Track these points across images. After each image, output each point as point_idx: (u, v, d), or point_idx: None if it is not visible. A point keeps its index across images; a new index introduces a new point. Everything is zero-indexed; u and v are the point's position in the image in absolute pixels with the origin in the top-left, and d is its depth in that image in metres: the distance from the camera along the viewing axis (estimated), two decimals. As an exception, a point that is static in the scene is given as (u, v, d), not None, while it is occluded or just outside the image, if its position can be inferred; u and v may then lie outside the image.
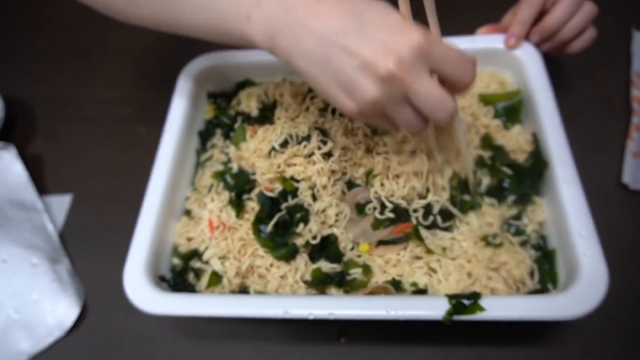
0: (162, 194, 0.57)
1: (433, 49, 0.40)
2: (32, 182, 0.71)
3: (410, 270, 0.53)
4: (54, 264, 0.63)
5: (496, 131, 0.61)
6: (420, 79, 0.40)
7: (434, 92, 0.41)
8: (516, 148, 0.59)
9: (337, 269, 0.54)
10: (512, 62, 0.63)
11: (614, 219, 0.57)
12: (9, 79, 0.87)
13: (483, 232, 0.54)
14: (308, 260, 0.54)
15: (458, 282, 0.50)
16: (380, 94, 0.40)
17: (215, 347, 0.57)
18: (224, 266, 0.55)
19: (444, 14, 0.81)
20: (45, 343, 0.59)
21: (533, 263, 0.52)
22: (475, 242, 0.53)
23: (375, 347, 0.55)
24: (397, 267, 0.53)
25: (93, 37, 0.90)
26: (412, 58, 0.39)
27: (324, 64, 0.42)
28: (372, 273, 0.53)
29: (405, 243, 0.54)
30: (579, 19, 0.60)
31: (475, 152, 0.58)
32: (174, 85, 0.67)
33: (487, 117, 0.61)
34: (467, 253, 0.52)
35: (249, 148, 0.60)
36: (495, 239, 0.53)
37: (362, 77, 0.40)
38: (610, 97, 0.70)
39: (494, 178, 0.56)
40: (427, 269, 0.53)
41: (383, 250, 0.54)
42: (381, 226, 0.55)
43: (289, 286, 0.53)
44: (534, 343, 0.54)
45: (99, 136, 0.78)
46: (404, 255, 0.53)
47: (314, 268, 0.54)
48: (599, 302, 0.44)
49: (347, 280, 0.53)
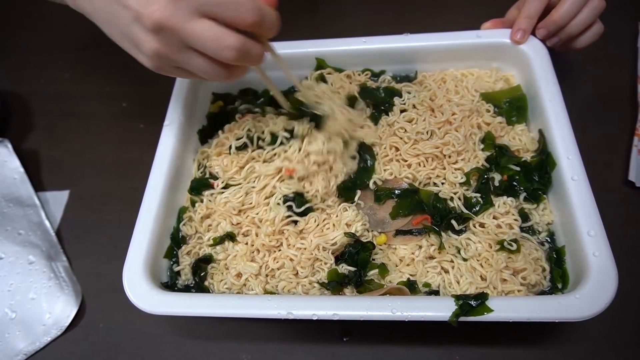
0: (162, 192, 0.56)
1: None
2: (28, 178, 0.70)
3: (423, 270, 0.52)
4: (51, 262, 0.62)
5: (499, 129, 0.60)
6: (189, 22, 0.40)
7: (207, 32, 0.40)
8: (520, 147, 0.58)
9: (353, 270, 0.53)
10: (518, 57, 0.62)
11: (620, 217, 0.56)
12: (5, 73, 0.85)
13: (499, 235, 0.53)
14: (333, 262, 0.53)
15: (470, 284, 0.50)
16: (158, 45, 0.41)
17: (216, 346, 0.57)
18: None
19: (449, 9, 0.81)
20: (42, 342, 0.58)
21: (545, 262, 0.52)
22: (491, 245, 0.52)
23: (378, 346, 0.54)
24: (411, 265, 0.53)
25: (90, 31, 0.88)
26: (173, 3, 0.39)
27: (111, 21, 0.43)
28: (388, 272, 0.53)
29: (425, 235, 0.53)
30: (586, 13, 0.59)
31: (481, 153, 0.57)
32: (173, 80, 0.66)
33: (488, 115, 0.61)
34: (481, 256, 0.52)
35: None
36: (511, 245, 0.51)
37: (138, 30, 0.41)
38: (616, 93, 0.69)
39: (504, 175, 0.56)
40: (440, 268, 0.52)
41: (401, 240, 0.54)
42: (399, 216, 0.54)
43: (301, 286, 0.53)
44: (539, 343, 0.53)
45: (97, 131, 0.76)
46: (418, 254, 0.53)
47: (330, 269, 0.53)
48: (608, 303, 0.44)
49: (364, 280, 0.52)
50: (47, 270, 0.61)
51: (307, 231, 0.55)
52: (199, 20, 0.40)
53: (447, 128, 0.58)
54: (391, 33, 0.65)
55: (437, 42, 0.63)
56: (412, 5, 0.84)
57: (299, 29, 0.69)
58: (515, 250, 0.51)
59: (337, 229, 0.54)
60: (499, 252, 0.52)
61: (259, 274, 0.53)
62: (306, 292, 0.52)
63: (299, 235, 0.55)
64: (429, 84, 0.63)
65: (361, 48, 0.64)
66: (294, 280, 0.53)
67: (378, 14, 0.84)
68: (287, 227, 0.55)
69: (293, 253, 0.53)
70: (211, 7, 0.40)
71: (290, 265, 0.53)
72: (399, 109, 0.62)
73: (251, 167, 0.59)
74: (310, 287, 0.53)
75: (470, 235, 0.53)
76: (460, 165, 0.57)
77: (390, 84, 0.65)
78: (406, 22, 0.72)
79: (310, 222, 0.55)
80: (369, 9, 0.85)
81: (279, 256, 0.54)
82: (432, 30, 0.64)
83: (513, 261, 0.51)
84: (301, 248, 0.53)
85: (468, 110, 0.60)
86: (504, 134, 0.59)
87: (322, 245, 0.53)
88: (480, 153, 0.57)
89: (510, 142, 0.58)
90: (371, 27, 0.66)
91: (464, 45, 0.63)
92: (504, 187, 0.55)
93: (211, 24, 0.40)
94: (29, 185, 0.69)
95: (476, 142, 0.58)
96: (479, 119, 0.60)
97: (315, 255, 0.53)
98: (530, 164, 0.56)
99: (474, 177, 0.56)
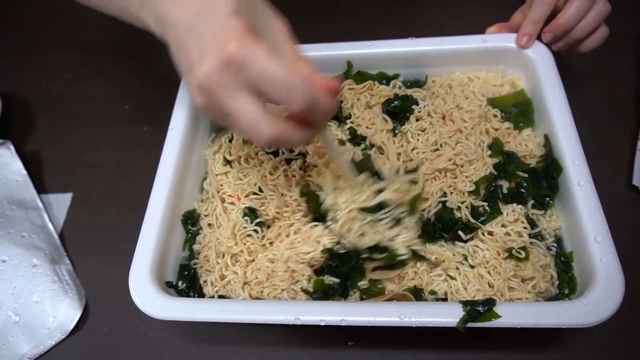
0: (167, 196, 0.55)
1: (247, 64, 0.35)
2: (31, 180, 0.70)
3: (429, 279, 0.52)
4: (55, 265, 0.62)
5: (507, 134, 0.60)
6: (231, 94, 0.37)
7: (245, 114, 0.37)
8: (527, 153, 0.58)
9: (338, 282, 0.53)
10: (523, 61, 0.62)
11: (624, 222, 0.56)
12: (7, 74, 0.85)
13: (508, 243, 0.52)
14: (312, 273, 0.53)
15: (478, 291, 0.49)
16: (203, 101, 0.39)
17: (221, 350, 0.56)
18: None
19: (454, 14, 0.81)
20: (46, 346, 0.58)
21: (554, 269, 0.52)
22: (499, 252, 0.52)
23: (384, 351, 0.54)
24: (415, 279, 0.52)
25: (93, 32, 0.88)
26: (220, 70, 0.36)
27: (178, 58, 0.41)
28: (382, 282, 0.53)
29: (402, 266, 0.53)
30: (592, 17, 0.59)
31: (489, 160, 0.57)
32: (176, 81, 0.65)
33: (496, 120, 0.61)
34: (489, 263, 0.52)
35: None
36: (520, 254, 0.51)
37: (190, 79, 0.39)
38: (620, 97, 0.70)
39: (512, 183, 0.55)
40: (445, 276, 0.52)
41: (379, 274, 0.53)
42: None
43: (286, 292, 0.53)
44: (545, 348, 0.53)
45: (100, 133, 0.76)
46: (420, 266, 0.52)
47: (316, 279, 0.53)
48: (616, 309, 0.44)
49: (353, 291, 0.53)
50: (51, 274, 0.61)
51: (274, 240, 0.55)
52: (243, 95, 0.37)
53: (458, 137, 0.58)
54: (394, 37, 0.65)
55: (442, 47, 0.63)
56: (413, 8, 0.84)
57: (299, 32, 0.69)
58: (524, 259, 0.51)
59: (307, 244, 0.53)
60: (507, 260, 0.51)
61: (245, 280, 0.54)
62: (293, 297, 0.52)
63: (264, 246, 0.55)
64: (437, 90, 0.63)
65: (366, 52, 0.64)
66: (279, 287, 0.53)
67: (378, 17, 0.84)
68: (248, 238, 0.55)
69: (266, 265, 0.53)
70: (261, 85, 0.36)
71: (265, 276, 0.53)
72: (415, 117, 0.61)
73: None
74: (294, 294, 0.52)
75: (478, 242, 0.53)
76: (471, 174, 0.56)
77: (402, 90, 0.64)
78: (407, 26, 0.71)
79: (274, 231, 0.55)
80: (369, 11, 0.85)
81: (255, 267, 0.54)
82: (435, 33, 0.64)
83: (521, 269, 0.51)
84: (273, 259, 0.53)
85: (477, 117, 0.59)
86: (511, 139, 0.59)
87: (294, 258, 0.53)
88: (489, 160, 0.57)
89: (517, 148, 0.58)
90: (373, 31, 0.66)
91: (469, 50, 0.63)
92: (512, 194, 0.55)
93: (253, 104, 0.37)
94: (32, 188, 0.69)
95: (484, 148, 0.58)
96: (487, 124, 0.60)
97: (290, 267, 0.53)
98: (538, 170, 0.56)
99: (483, 185, 0.56)
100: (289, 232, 0.55)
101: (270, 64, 0.35)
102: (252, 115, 0.37)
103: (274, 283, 0.53)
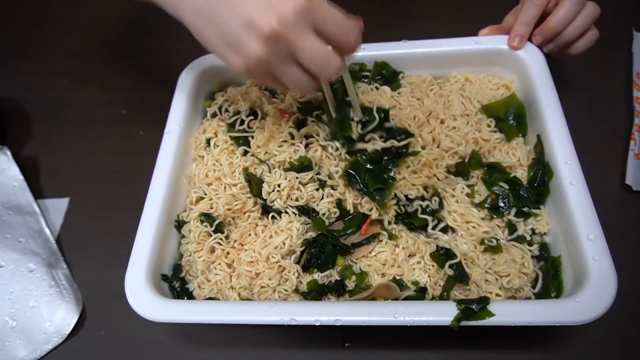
0: (163, 200, 0.56)
1: (316, 8, 0.41)
2: (28, 185, 0.70)
3: (409, 268, 0.52)
4: (52, 269, 0.62)
5: (497, 146, 0.60)
6: (304, 36, 0.41)
7: (319, 49, 0.42)
8: (512, 164, 0.58)
9: (332, 277, 0.54)
10: (515, 62, 0.62)
11: (618, 221, 0.57)
12: (4, 80, 0.85)
13: (482, 235, 0.54)
14: (299, 270, 0.54)
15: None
16: (266, 53, 0.41)
17: (218, 352, 0.57)
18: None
19: (446, 16, 0.82)
20: (43, 350, 0.58)
21: (538, 270, 0.52)
22: (476, 246, 0.53)
23: (380, 351, 0.55)
24: (394, 267, 0.53)
25: (89, 38, 0.88)
26: (295, 16, 0.40)
27: (209, 19, 0.43)
28: (368, 277, 0.53)
29: (377, 238, 0.54)
30: (581, 19, 0.60)
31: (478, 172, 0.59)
32: (171, 86, 0.66)
33: (487, 131, 0.60)
34: (467, 256, 0.52)
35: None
36: (492, 242, 0.53)
37: (247, 35, 0.41)
38: (612, 98, 0.70)
39: (492, 195, 0.56)
40: (424, 264, 0.52)
41: (358, 253, 0.54)
42: (349, 230, 0.54)
43: (277, 293, 0.53)
44: (539, 346, 0.53)
45: (96, 138, 0.76)
46: (399, 253, 0.53)
47: (309, 280, 0.53)
48: (609, 306, 0.44)
49: (345, 289, 0.53)
50: (48, 278, 0.61)
51: (247, 242, 0.56)
52: (310, 35, 0.41)
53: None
54: (387, 39, 0.66)
55: (435, 49, 0.64)
56: (407, 11, 0.84)
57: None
58: (497, 248, 0.52)
59: (280, 235, 0.54)
60: (484, 254, 0.53)
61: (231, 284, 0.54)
62: (284, 298, 0.53)
63: (233, 247, 0.56)
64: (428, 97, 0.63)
65: (360, 55, 0.64)
66: (268, 288, 0.53)
67: (372, 20, 0.84)
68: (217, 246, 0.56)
69: (247, 269, 0.53)
70: (325, 25, 0.42)
71: (247, 280, 0.53)
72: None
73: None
74: (286, 294, 0.53)
75: (456, 236, 0.54)
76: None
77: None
78: (401, 29, 0.72)
79: (239, 231, 0.56)
80: (363, 14, 0.84)
81: (236, 274, 0.54)
82: (428, 36, 0.65)
83: (497, 264, 0.52)
84: (252, 261, 0.54)
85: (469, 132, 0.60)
86: (496, 151, 0.60)
87: (273, 252, 0.53)
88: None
89: (502, 158, 0.59)
90: (366, 34, 0.66)
91: (462, 52, 0.64)
92: (494, 204, 0.56)
93: (320, 42, 0.42)
94: (29, 193, 0.69)
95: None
96: (477, 134, 0.60)
97: (277, 263, 0.53)
98: (520, 181, 0.56)
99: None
100: (256, 232, 0.56)
101: (333, 10, 0.42)
102: (324, 50, 0.42)
103: (262, 284, 0.53)
